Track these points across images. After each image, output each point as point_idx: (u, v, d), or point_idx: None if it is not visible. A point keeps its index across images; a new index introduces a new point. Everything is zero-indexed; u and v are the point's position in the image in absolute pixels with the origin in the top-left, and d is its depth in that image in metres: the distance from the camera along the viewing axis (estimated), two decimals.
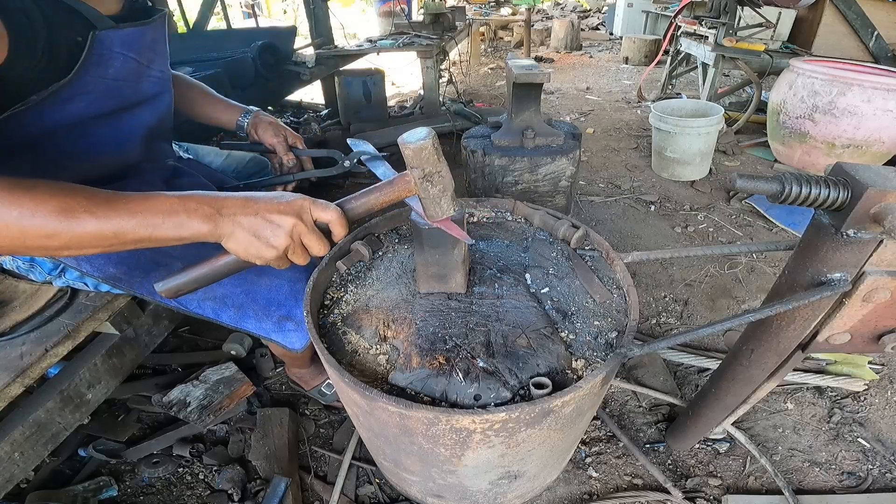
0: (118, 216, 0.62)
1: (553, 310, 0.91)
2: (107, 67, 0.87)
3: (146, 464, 1.29)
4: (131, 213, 0.63)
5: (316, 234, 0.70)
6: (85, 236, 0.62)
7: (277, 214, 0.67)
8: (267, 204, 0.67)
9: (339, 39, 4.03)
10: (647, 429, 1.40)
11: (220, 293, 1.03)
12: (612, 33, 7.83)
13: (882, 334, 0.77)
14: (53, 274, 1.02)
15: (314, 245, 0.70)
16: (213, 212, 0.66)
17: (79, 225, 0.61)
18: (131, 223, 0.63)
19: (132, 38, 0.90)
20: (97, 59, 0.83)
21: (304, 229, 0.68)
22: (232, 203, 0.67)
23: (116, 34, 0.86)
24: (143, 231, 0.64)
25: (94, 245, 0.63)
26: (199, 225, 0.65)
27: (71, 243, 0.62)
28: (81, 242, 0.62)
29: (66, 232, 0.60)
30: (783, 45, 3.54)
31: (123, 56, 0.89)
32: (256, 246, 0.67)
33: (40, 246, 0.61)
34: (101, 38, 0.83)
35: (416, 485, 1.05)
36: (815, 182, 0.63)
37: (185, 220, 0.65)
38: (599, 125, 3.87)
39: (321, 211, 0.70)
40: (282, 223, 0.67)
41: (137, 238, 0.64)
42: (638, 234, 2.34)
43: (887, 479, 1.25)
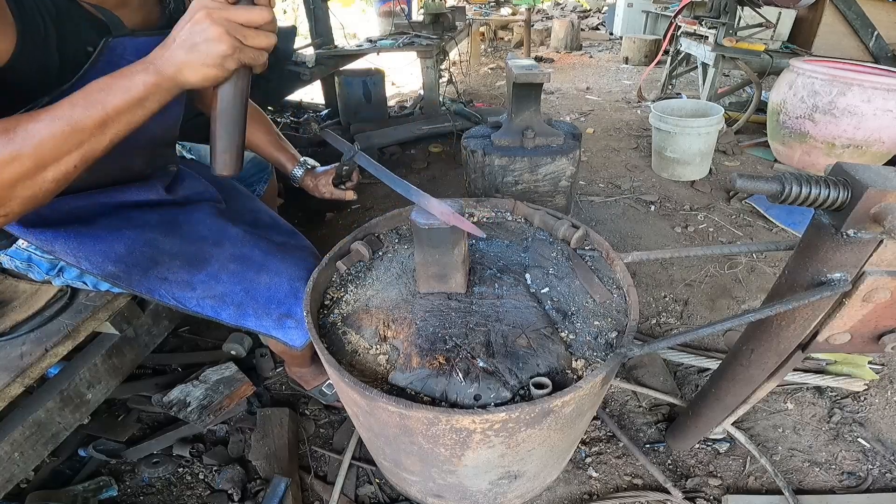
0: (61, 110, 0.61)
1: (553, 310, 0.91)
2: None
3: (146, 464, 1.29)
4: (72, 103, 0.62)
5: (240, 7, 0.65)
6: (47, 142, 0.60)
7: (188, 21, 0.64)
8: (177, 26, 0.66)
9: (339, 39, 4.03)
10: (647, 429, 1.40)
11: (220, 291, 1.03)
12: (612, 33, 7.83)
13: (882, 334, 0.77)
14: (52, 273, 1.02)
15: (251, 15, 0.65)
16: (144, 64, 0.65)
17: (28, 135, 0.59)
18: (78, 110, 0.61)
19: (147, 47, 0.88)
20: (104, 67, 0.81)
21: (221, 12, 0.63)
22: (155, 50, 0.66)
23: (131, 42, 0.84)
24: (96, 110, 0.62)
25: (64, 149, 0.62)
26: (141, 76, 0.64)
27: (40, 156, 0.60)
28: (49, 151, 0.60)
29: (20, 147, 0.59)
30: (783, 45, 3.54)
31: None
32: (203, 52, 0.63)
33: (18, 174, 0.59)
34: (113, 46, 0.82)
35: (416, 485, 1.05)
36: (815, 182, 0.63)
37: (126, 82, 0.63)
38: (599, 125, 3.87)
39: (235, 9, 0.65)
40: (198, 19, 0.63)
41: (95, 121, 0.62)
42: (638, 234, 2.34)
43: (887, 479, 1.25)
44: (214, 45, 0.64)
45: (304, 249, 1.19)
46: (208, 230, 1.06)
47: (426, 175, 2.96)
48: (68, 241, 0.95)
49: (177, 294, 1.02)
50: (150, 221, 1.02)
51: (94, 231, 0.96)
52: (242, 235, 1.08)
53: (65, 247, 0.95)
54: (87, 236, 0.96)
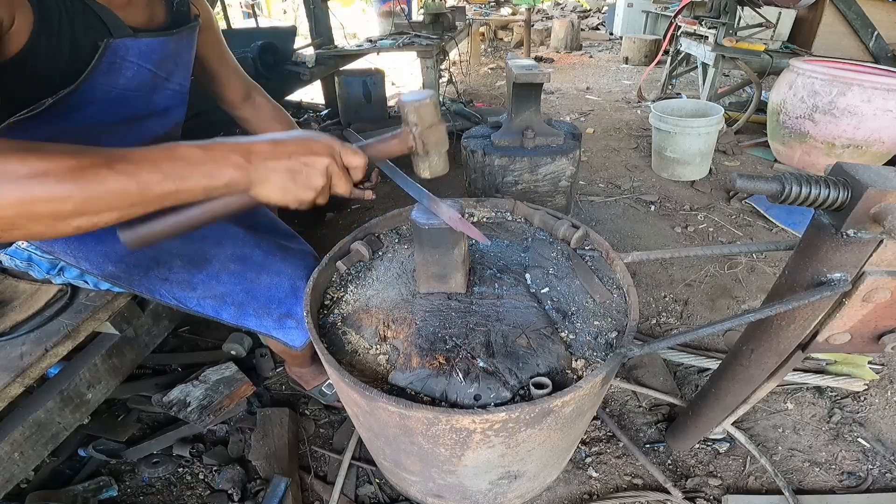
0: (140, 170, 0.55)
1: (553, 310, 0.91)
2: (117, 77, 0.85)
3: (146, 464, 1.29)
4: (154, 166, 0.56)
5: (345, 173, 0.68)
6: (104, 196, 0.54)
7: (312, 156, 0.64)
8: (298, 145, 0.64)
9: (339, 39, 4.03)
10: (647, 429, 1.40)
11: (221, 291, 1.03)
12: (612, 33, 7.83)
13: (882, 334, 0.77)
14: (52, 272, 1.02)
15: (342, 185, 0.68)
16: (242, 159, 0.61)
17: (97, 183, 0.53)
18: (156, 176, 0.56)
19: (150, 49, 0.88)
20: (107, 68, 0.82)
21: (336, 170, 0.66)
22: (261, 147, 0.63)
23: (133, 43, 0.85)
24: (170, 184, 0.57)
25: (113, 207, 0.55)
26: (231, 172, 0.60)
27: (86, 206, 0.53)
28: (99, 204, 0.54)
29: (81, 192, 0.52)
30: (783, 45, 3.54)
31: (138, 66, 0.88)
32: (294, 189, 0.64)
33: (50, 213, 0.52)
34: (115, 47, 0.82)
35: (416, 485, 1.05)
36: (815, 182, 0.63)
37: (213, 168, 0.59)
38: (599, 125, 3.87)
39: (351, 155, 0.68)
40: (318, 164, 0.64)
41: (163, 193, 0.57)
42: (638, 234, 2.34)
43: (887, 479, 1.25)
44: (306, 193, 0.65)
45: (303, 251, 1.19)
46: (209, 230, 1.06)
47: None
48: (68, 242, 0.95)
49: (178, 294, 1.02)
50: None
51: (94, 231, 0.96)
52: (243, 235, 1.08)
53: (65, 247, 0.95)
54: (88, 236, 0.96)
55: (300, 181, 0.64)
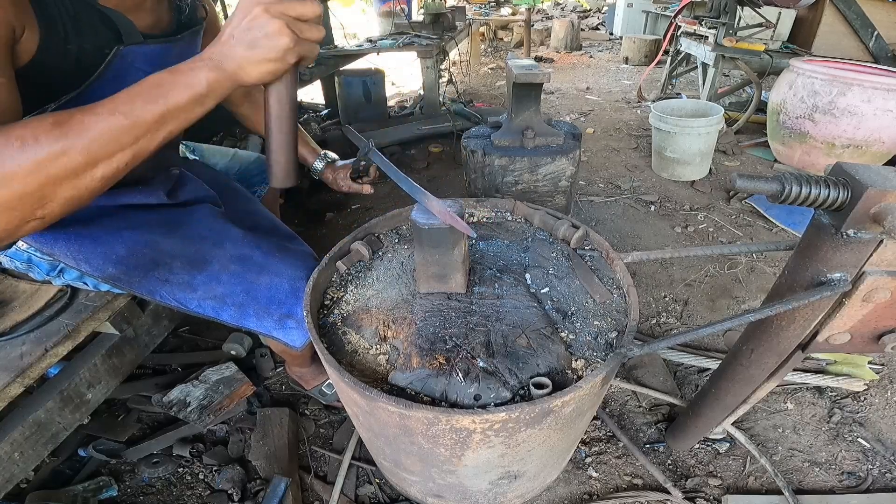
0: (119, 105, 0.58)
1: (553, 310, 0.91)
2: (122, 83, 0.84)
3: (146, 464, 1.29)
4: (129, 98, 0.59)
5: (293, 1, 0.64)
6: (102, 137, 0.57)
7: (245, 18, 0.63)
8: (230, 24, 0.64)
9: (339, 39, 4.03)
10: (647, 429, 1.40)
11: (221, 292, 1.03)
12: (612, 33, 7.83)
13: (882, 334, 0.77)
14: (52, 274, 1.02)
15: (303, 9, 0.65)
16: (204, 61, 0.63)
17: (85, 129, 0.56)
18: (137, 104, 0.58)
19: (155, 54, 0.88)
20: (114, 74, 0.82)
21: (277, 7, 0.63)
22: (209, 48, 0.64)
23: (140, 50, 0.85)
24: (156, 106, 0.59)
25: (121, 144, 0.58)
26: (204, 73, 0.62)
27: (93, 152, 0.56)
28: (104, 147, 0.57)
29: (77, 140, 0.55)
30: (783, 45, 3.53)
31: (144, 73, 0.87)
32: (266, 48, 0.63)
33: (65, 170, 0.55)
34: (124, 54, 0.82)
35: (416, 485, 1.05)
36: (815, 182, 0.63)
37: (186, 77, 0.61)
38: (599, 125, 3.87)
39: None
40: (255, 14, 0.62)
41: (157, 116, 0.60)
42: (638, 234, 2.34)
43: (887, 479, 1.25)
44: (276, 38, 0.63)
45: (303, 252, 1.19)
46: (209, 231, 1.06)
47: (426, 175, 2.96)
48: (68, 244, 0.95)
49: (178, 295, 1.02)
50: (150, 222, 1.02)
51: (94, 233, 0.96)
52: (243, 236, 1.08)
53: (65, 249, 0.95)
54: (88, 238, 0.96)
55: (260, 38, 0.63)
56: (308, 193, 2.72)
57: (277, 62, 0.65)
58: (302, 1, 0.65)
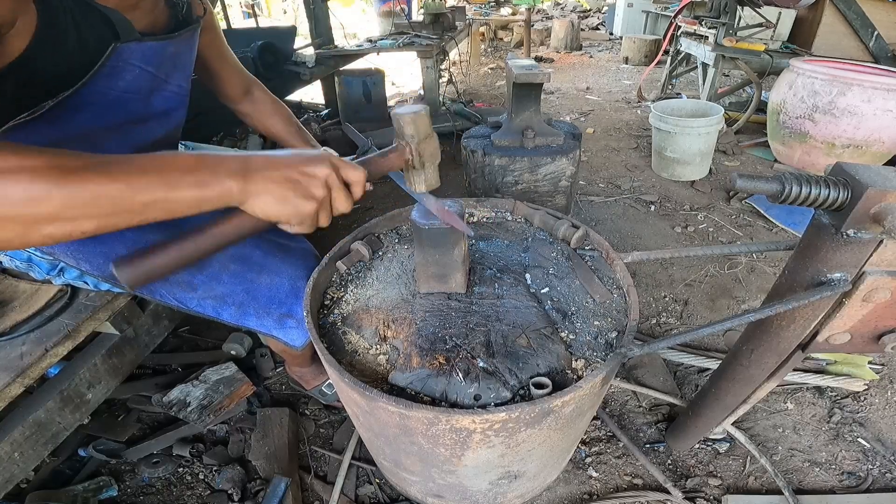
0: (126, 174, 0.52)
1: (553, 310, 0.91)
2: (117, 79, 0.85)
3: (146, 464, 1.29)
4: (141, 170, 0.53)
5: (344, 189, 0.66)
6: (84, 199, 0.50)
7: (311, 166, 0.62)
8: (296, 157, 0.62)
9: (339, 39, 4.03)
10: (647, 429, 1.40)
11: (221, 292, 1.03)
12: (612, 33, 7.83)
13: (882, 334, 0.77)
14: (52, 273, 1.02)
15: (341, 201, 0.66)
16: (239, 167, 0.58)
17: (77, 184, 0.49)
18: (143, 181, 0.52)
19: (152, 52, 0.88)
20: (109, 71, 0.82)
21: (335, 181, 0.63)
22: (258, 160, 0.60)
23: (137, 47, 0.85)
24: (158, 191, 0.53)
25: (94, 212, 0.51)
26: (227, 182, 0.56)
27: (65, 210, 0.50)
28: (77, 209, 0.50)
29: (59, 192, 0.48)
30: (783, 45, 3.54)
31: (139, 69, 0.88)
32: (293, 201, 0.60)
33: (25, 215, 0.48)
34: (121, 51, 0.82)
35: (416, 485, 1.05)
36: (815, 182, 0.63)
37: (206, 176, 0.56)
38: (599, 125, 3.87)
39: (350, 169, 0.66)
40: (317, 174, 0.62)
41: (150, 201, 0.53)
42: (638, 234, 2.34)
43: (887, 479, 1.25)
44: (308, 202, 0.62)
45: (304, 250, 1.19)
46: None
47: None
48: (69, 243, 0.95)
49: (178, 295, 1.02)
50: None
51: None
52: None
53: (65, 249, 0.95)
54: (88, 238, 0.96)
55: (299, 192, 0.61)
56: None
57: (283, 218, 0.62)
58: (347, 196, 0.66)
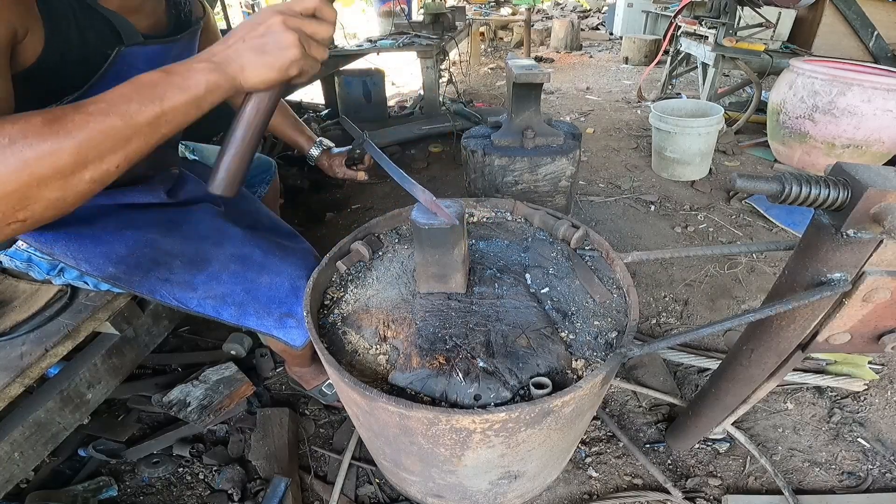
0: (112, 105, 0.55)
1: (553, 310, 0.91)
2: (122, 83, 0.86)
3: (146, 464, 1.29)
4: (124, 98, 0.56)
5: (311, 19, 0.65)
6: (94, 138, 0.54)
7: (262, 24, 0.63)
8: (245, 25, 0.64)
9: (339, 39, 4.03)
10: (647, 429, 1.40)
11: (221, 292, 1.03)
12: (612, 33, 7.83)
13: (882, 334, 0.77)
14: (52, 273, 1.02)
15: (317, 28, 0.66)
16: (205, 63, 0.61)
17: (77, 128, 0.53)
18: (132, 105, 0.56)
19: (155, 55, 0.89)
20: (114, 76, 0.82)
21: (296, 21, 0.63)
22: (215, 48, 0.63)
23: (141, 51, 0.85)
24: (152, 108, 0.57)
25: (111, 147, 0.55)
26: (202, 75, 0.60)
27: (83, 154, 0.53)
28: (95, 148, 0.54)
29: (68, 141, 0.52)
30: (783, 45, 3.54)
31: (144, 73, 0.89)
32: (274, 56, 0.63)
33: (52, 171, 0.52)
34: (125, 55, 0.82)
35: (416, 485, 1.05)
36: (815, 182, 0.63)
37: (183, 79, 0.59)
38: (599, 125, 3.87)
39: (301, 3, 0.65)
40: (272, 23, 0.62)
41: (151, 118, 0.57)
42: (638, 234, 2.34)
43: (887, 479, 1.25)
44: (286, 50, 0.63)
45: (303, 250, 1.19)
46: (208, 230, 1.07)
47: (426, 175, 2.96)
48: (68, 244, 0.95)
49: (178, 294, 1.02)
50: (150, 221, 1.02)
51: (94, 232, 0.96)
52: (243, 235, 1.08)
53: (65, 249, 0.95)
54: (88, 238, 0.96)
55: (271, 47, 0.62)
56: (308, 193, 2.72)
57: (279, 71, 0.65)
58: (319, 21, 0.66)
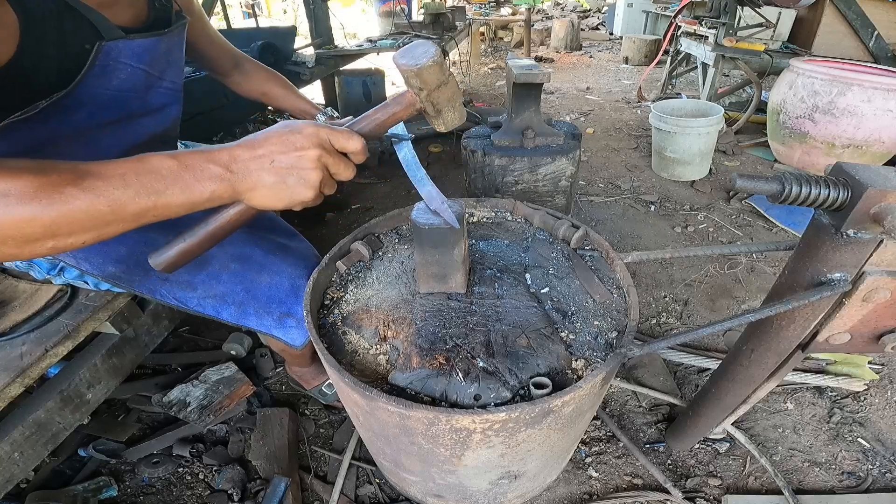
0: (109, 186, 0.52)
1: (553, 310, 0.91)
2: (110, 79, 0.85)
3: (146, 464, 1.29)
4: (124, 181, 0.53)
5: (342, 159, 0.63)
6: (74, 216, 0.51)
7: (298, 151, 0.59)
8: (279, 143, 0.59)
9: (339, 39, 4.03)
10: (647, 429, 1.40)
11: (221, 291, 1.03)
12: (612, 33, 7.83)
13: (882, 334, 0.77)
14: (52, 273, 1.02)
15: (342, 171, 0.63)
16: (222, 169, 0.57)
17: (63, 203, 0.50)
18: (128, 193, 0.53)
19: (143, 49, 0.88)
20: (100, 71, 0.82)
21: (329, 159, 0.61)
22: (239, 153, 0.58)
23: (126, 45, 0.84)
24: (145, 200, 0.54)
25: (87, 227, 0.52)
26: (211, 185, 0.56)
27: (56, 228, 0.51)
28: (70, 225, 0.51)
29: (47, 213, 0.49)
30: (783, 45, 3.54)
31: (132, 67, 0.88)
32: (290, 191, 0.59)
33: (18, 235, 0.49)
34: (108, 50, 0.81)
35: (416, 485, 1.05)
36: (815, 182, 0.63)
37: (190, 182, 0.56)
38: (599, 125, 3.87)
39: (344, 139, 0.63)
40: (307, 159, 0.59)
41: (140, 210, 0.54)
42: (638, 234, 2.34)
43: (887, 479, 1.25)
44: (305, 191, 0.60)
45: (304, 250, 1.19)
46: None
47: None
48: None
49: (178, 294, 1.02)
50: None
51: None
52: (243, 235, 1.08)
53: None
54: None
55: (292, 181, 0.59)
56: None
57: (287, 205, 0.61)
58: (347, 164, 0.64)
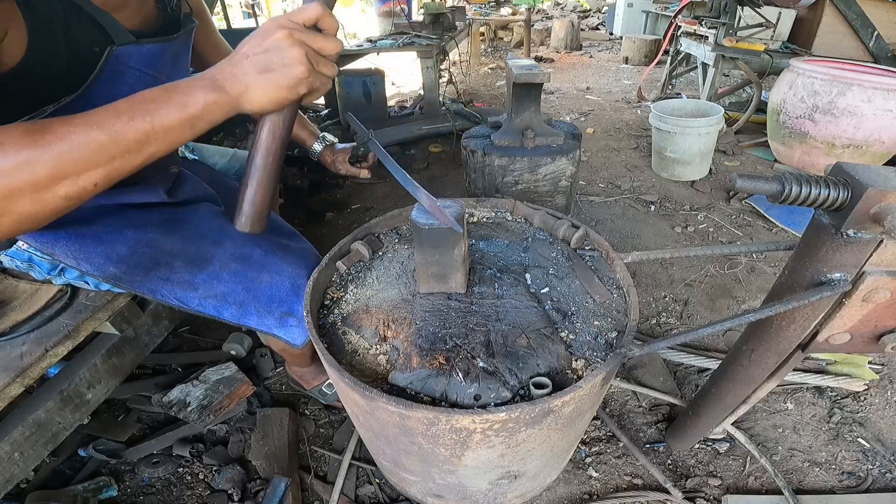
0: (102, 118, 0.53)
1: (553, 310, 0.91)
2: (120, 84, 0.85)
3: (146, 464, 1.29)
4: (116, 111, 0.54)
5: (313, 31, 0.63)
6: (74, 152, 0.51)
7: (267, 39, 0.59)
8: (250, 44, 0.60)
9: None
10: (647, 429, 1.40)
11: (222, 291, 1.03)
12: (612, 33, 7.83)
13: (882, 334, 0.77)
14: (53, 273, 1.02)
15: (318, 41, 0.63)
16: (208, 82, 0.59)
17: (58, 140, 0.50)
18: (122, 119, 0.54)
19: (151, 54, 0.88)
20: (109, 76, 0.81)
21: (301, 35, 0.61)
22: (220, 67, 0.60)
23: (136, 50, 0.84)
24: (141, 123, 0.54)
25: (92, 162, 0.53)
26: (203, 94, 0.58)
27: (60, 167, 0.51)
28: (74, 163, 0.52)
29: (46, 153, 0.50)
30: (783, 45, 3.54)
31: (140, 72, 0.87)
32: (280, 74, 0.60)
33: (26, 183, 0.50)
34: (118, 54, 0.81)
35: (416, 485, 1.05)
36: (815, 182, 0.63)
37: (182, 97, 0.57)
38: (599, 125, 3.87)
39: (303, 13, 0.62)
40: (278, 38, 0.59)
41: (139, 135, 0.55)
42: (638, 234, 2.34)
43: (887, 479, 1.25)
44: (294, 67, 0.60)
45: (304, 250, 1.19)
46: (209, 229, 1.07)
47: (426, 175, 2.96)
48: (69, 244, 0.95)
49: (179, 294, 1.02)
50: (150, 221, 1.02)
51: (94, 232, 0.96)
52: (243, 235, 1.08)
53: (65, 249, 0.95)
54: (88, 238, 0.96)
55: (277, 64, 0.60)
56: (308, 193, 2.72)
57: (287, 90, 0.62)
58: (325, 36, 0.64)
